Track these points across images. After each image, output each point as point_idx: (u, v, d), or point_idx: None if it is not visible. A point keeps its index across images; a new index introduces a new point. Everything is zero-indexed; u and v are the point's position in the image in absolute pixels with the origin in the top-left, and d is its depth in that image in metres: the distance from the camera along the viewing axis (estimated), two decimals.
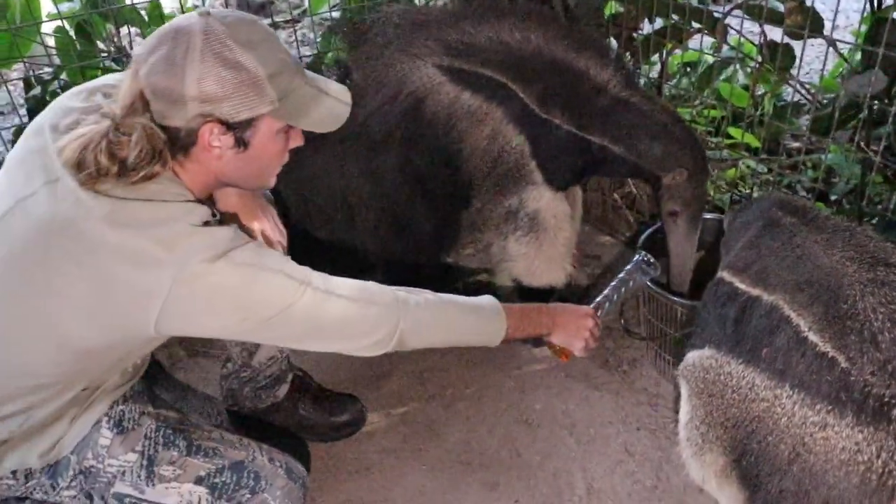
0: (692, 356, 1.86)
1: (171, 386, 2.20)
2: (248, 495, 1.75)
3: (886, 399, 1.42)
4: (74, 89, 1.64)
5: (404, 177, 2.54)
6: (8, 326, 1.51)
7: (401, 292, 1.73)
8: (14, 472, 1.65)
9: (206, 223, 1.50)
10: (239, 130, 1.49)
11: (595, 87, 2.37)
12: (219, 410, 2.33)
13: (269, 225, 1.91)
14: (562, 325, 2.03)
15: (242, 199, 1.85)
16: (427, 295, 1.78)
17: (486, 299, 1.91)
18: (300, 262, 1.63)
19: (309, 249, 2.03)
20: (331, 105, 1.60)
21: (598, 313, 2.14)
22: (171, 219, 1.46)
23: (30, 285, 1.47)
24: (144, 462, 1.70)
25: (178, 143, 1.48)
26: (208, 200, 1.62)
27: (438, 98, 2.41)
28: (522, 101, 2.35)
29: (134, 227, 1.43)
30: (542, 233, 2.52)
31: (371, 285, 1.70)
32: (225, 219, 1.61)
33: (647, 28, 3.23)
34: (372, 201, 2.61)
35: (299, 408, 2.37)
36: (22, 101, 3.21)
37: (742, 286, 1.77)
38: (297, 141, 1.64)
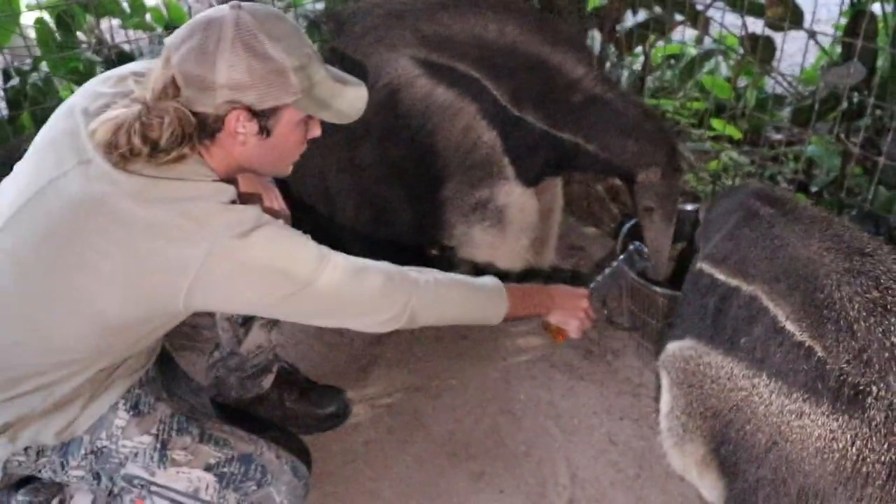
0: (672, 347, 1.88)
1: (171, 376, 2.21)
2: (254, 487, 1.79)
3: (861, 387, 1.45)
4: (103, 75, 1.69)
5: (382, 168, 2.54)
6: (40, 302, 1.55)
7: (412, 271, 1.80)
8: (26, 449, 1.68)
9: (233, 202, 1.56)
10: (263, 118, 1.55)
11: (569, 83, 2.37)
12: (205, 403, 2.32)
13: (275, 205, 1.97)
14: (559, 305, 2.08)
15: (248, 180, 1.89)
16: (436, 274, 1.85)
17: (490, 279, 1.98)
18: None
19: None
20: (350, 98, 1.67)
21: (593, 297, 2.16)
22: (201, 197, 1.52)
23: (63, 261, 1.51)
24: (158, 445, 1.74)
25: (206, 128, 1.54)
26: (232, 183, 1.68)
27: (413, 91, 2.40)
28: (495, 98, 2.36)
29: (166, 203, 1.49)
30: (509, 225, 2.55)
31: (386, 264, 1.77)
32: (245, 199, 1.67)
33: (630, 20, 3.24)
34: (351, 192, 2.61)
35: (285, 399, 2.37)
36: (1, 93, 3.17)
37: (721, 277, 1.78)
38: (315, 131, 1.70)
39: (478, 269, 2.69)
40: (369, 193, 2.61)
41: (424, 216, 2.64)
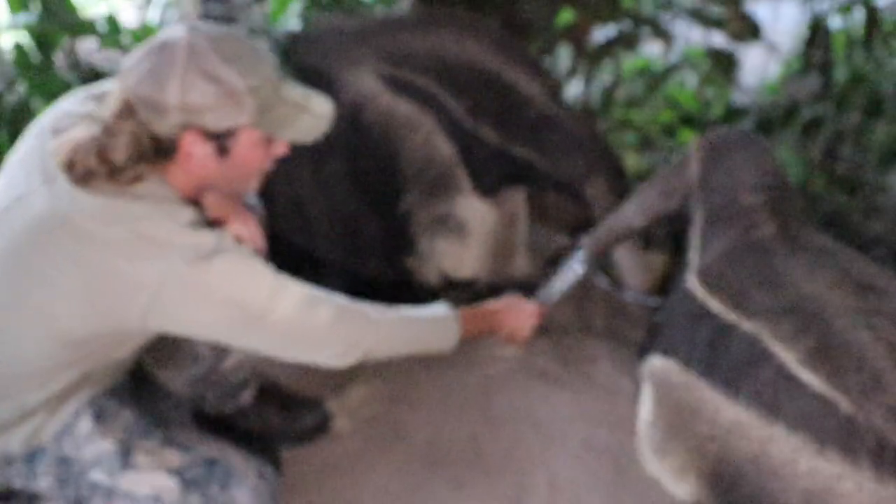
0: (658, 363, 1.74)
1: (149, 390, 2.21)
2: (218, 489, 1.79)
3: None
4: (76, 93, 1.72)
5: (352, 184, 2.61)
6: (6, 316, 1.59)
7: (364, 306, 1.84)
8: None
9: (193, 224, 1.57)
10: (219, 140, 1.56)
11: (523, 101, 2.46)
12: (184, 416, 2.32)
13: (244, 230, 1.93)
14: (506, 324, 2.16)
15: (220, 203, 1.89)
16: (387, 310, 1.89)
17: (441, 308, 2.02)
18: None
19: (282, 259, 2.05)
20: (311, 117, 1.67)
21: (549, 302, 2.24)
22: (158, 216, 1.54)
23: (27, 278, 1.55)
24: (121, 450, 1.75)
25: (162, 149, 1.55)
26: (196, 203, 1.70)
27: (376, 106, 2.47)
28: (452, 113, 2.44)
29: (124, 222, 1.52)
30: (469, 235, 2.63)
31: (340, 297, 1.80)
32: (211, 222, 1.69)
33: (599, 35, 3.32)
34: (323, 212, 2.66)
35: (264, 413, 2.38)
36: None
37: (715, 307, 1.60)
38: (279, 150, 1.70)
39: (449, 285, 2.74)
40: (339, 211, 2.67)
41: (391, 232, 2.70)
